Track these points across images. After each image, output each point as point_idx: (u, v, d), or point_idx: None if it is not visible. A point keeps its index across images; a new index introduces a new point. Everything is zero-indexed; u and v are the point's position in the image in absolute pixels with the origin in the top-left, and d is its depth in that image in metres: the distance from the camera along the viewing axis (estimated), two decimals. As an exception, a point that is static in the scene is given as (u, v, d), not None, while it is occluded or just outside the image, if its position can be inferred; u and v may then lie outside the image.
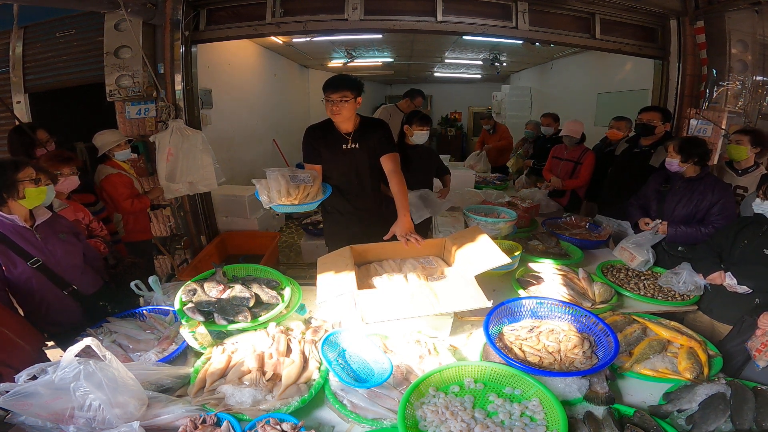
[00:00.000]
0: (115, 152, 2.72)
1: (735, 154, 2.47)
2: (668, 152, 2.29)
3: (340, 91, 2.02)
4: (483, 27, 3.34)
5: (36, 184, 1.65)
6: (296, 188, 1.93)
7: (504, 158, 5.45)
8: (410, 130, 2.74)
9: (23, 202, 1.64)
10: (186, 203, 3.48)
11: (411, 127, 2.73)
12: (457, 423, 1.12)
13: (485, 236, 1.86)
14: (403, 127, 2.79)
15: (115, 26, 3.03)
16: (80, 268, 1.82)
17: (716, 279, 1.82)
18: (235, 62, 5.24)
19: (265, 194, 1.90)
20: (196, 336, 1.46)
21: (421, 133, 2.73)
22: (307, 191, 1.96)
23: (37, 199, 1.67)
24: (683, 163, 2.22)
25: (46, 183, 1.73)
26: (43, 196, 1.70)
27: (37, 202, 1.69)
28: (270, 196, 1.88)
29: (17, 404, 1.03)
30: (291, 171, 1.99)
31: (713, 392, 1.23)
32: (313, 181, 2.02)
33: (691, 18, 3.27)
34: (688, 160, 2.20)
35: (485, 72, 8.55)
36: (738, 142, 2.43)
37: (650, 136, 2.85)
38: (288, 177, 1.93)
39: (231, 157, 5.18)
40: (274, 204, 1.88)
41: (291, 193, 1.91)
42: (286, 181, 1.91)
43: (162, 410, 1.17)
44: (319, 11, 3.26)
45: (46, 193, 1.71)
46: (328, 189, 2.12)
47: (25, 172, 1.63)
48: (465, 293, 1.54)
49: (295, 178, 1.95)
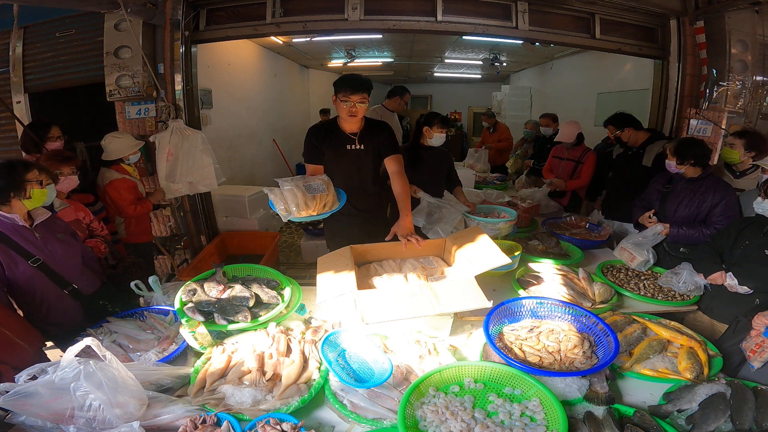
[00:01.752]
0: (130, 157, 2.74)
1: (728, 156, 2.46)
2: (667, 154, 2.29)
3: (360, 92, 2.00)
4: (483, 27, 3.34)
5: (41, 185, 1.68)
6: (313, 199, 1.88)
7: (503, 158, 5.45)
8: (430, 132, 2.65)
9: (27, 202, 1.66)
10: (186, 203, 3.47)
11: (431, 128, 2.65)
12: (457, 423, 1.12)
13: (485, 236, 1.86)
14: (422, 128, 2.69)
15: (115, 26, 3.03)
16: (80, 267, 1.82)
17: (717, 279, 1.82)
18: (235, 62, 5.24)
19: (281, 206, 1.84)
20: (196, 336, 1.46)
21: (440, 136, 2.66)
22: (323, 201, 1.91)
23: (40, 199, 1.70)
24: (680, 165, 2.22)
25: (47, 183, 1.74)
26: (45, 197, 1.71)
27: (39, 203, 1.71)
28: (288, 209, 1.83)
29: (17, 404, 1.03)
30: (303, 180, 1.94)
31: (713, 392, 1.23)
32: (327, 188, 1.96)
33: (691, 18, 3.27)
34: (684, 162, 2.20)
35: (485, 72, 8.56)
36: (731, 146, 2.41)
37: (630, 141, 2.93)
38: (303, 188, 1.88)
39: (231, 157, 5.18)
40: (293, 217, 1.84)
41: (309, 205, 1.86)
42: (303, 193, 1.85)
43: (162, 410, 1.17)
44: (319, 11, 3.26)
45: (47, 194, 1.72)
46: (343, 196, 2.06)
47: (33, 172, 1.66)
48: (465, 293, 1.54)
49: (310, 188, 1.90)
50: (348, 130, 2.16)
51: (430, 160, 2.73)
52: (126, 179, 2.71)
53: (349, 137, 2.15)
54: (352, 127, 2.15)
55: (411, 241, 1.92)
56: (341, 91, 2.01)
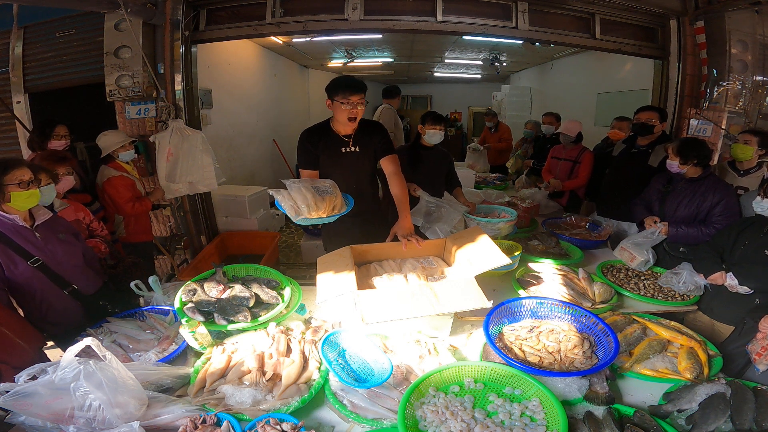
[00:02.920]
0: (119, 153, 2.73)
1: (741, 154, 2.45)
2: (668, 154, 2.29)
3: (360, 93, 1.98)
4: (483, 27, 3.33)
5: (26, 186, 1.59)
6: (323, 201, 1.83)
7: (503, 158, 5.45)
8: (424, 130, 2.67)
9: (10, 206, 1.60)
10: (186, 203, 3.47)
11: (425, 126, 2.66)
12: (457, 423, 1.12)
13: (485, 237, 1.86)
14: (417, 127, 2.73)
15: (115, 26, 3.03)
16: (80, 268, 1.82)
17: (717, 279, 1.82)
18: (235, 62, 5.24)
19: (289, 206, 1.78)
20: (196, 336, 1.46)
21: (433, 132, 2.65)
22: (332, 203, 1.87)
23: (26, 202, 1.62)
24: (683, 165, 2.22)
25: (47, 182, 1.73)
26: (34, 199, 1.65)
27: (27, 206, 1.64)
28: (298, 209, 1.78)
29: (17, 404, 1.03)
30: (311, 182, 1.89)
31: (713, 392, 1.23)
32: (334, 191, 1.91)
33: (691, 18, 3.26)
34: (687, 162, 2.20)
35: (485, 72, 8.56)
36: (746, 142, 2.41)
37: (647, 136, 2.84)
38: (312, 189, 1.83)
39: (231, 157, 5.18)
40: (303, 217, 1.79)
41: (319, 206, 1.81)
42: (312, 194, 1.80)
43: (162, 410, 1.17)
44: (319, 11, 3.26)
45: (39, 196, 1.66)
46: (350, 200, 2.01)
47: (13, 174, 1.57)
48: (465, 293, 1.53)
49: (319, 190, 1.85)
50: (342, 133, 2.11)
51: (430, 161, 2.73)
52: (124, 177, 2.71)
53: (343, 139, 2.11)
54: (346, 129, 2.09)
55: (411, 242, 1.91)
56: (340, 92, 1.96)
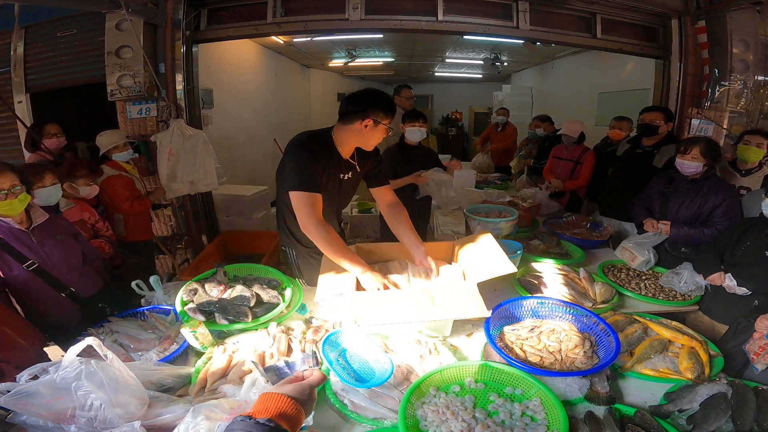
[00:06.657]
0: (113, 154, 2.73)
1: (753, 156, 2.44)
2: (686, 155, 2.20)
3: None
4: (484, 27, 3.34)
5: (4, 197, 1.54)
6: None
7: (508, 158, 5.43)
8: (404, 128, 2.76)
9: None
10: (187, 203, 3.48)
11: (404, 125, 2.76)
12: (457, 423, 1.12)
13: (494, 243, 1.80)
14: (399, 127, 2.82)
15: (116, 26, 3.04)
16: (79, 269, 1.81)
17: (716, 280, 1.82)
18: (236, 62, 5.24)
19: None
20: (197, 336, 1.46)
21: (413, 129, 2.71)
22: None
23: (10, 211, 1.58)
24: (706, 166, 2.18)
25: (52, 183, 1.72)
26: (21, 205, 1.60)
27: (12, 213, 1.60)
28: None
29: (18, 404, 1.03)
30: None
31: (714, 392, 1.23)
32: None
33: (693, 18, 3.26)
34: (715, 163, 2.18)
35: (486, 72, 8.55)
36: (759, 145, 2.40)
37: (653, 137, 2.83)
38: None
39: (232, 157, 5.17)
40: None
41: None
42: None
43: (163, 410, 1.17)
44: (319, 11, 3.26)
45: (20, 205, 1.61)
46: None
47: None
48: (464, 301, 1.51)
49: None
50: (346, 155, 1.80)
51: (418, 158, 2.83)
52: (122, 176, 2.71)
53: (343, 164, 1.81)
54: (350, 151, 1.82)
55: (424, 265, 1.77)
56: (390, 115, 1.67)
